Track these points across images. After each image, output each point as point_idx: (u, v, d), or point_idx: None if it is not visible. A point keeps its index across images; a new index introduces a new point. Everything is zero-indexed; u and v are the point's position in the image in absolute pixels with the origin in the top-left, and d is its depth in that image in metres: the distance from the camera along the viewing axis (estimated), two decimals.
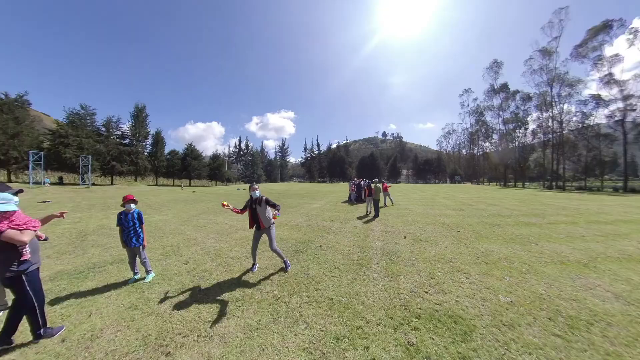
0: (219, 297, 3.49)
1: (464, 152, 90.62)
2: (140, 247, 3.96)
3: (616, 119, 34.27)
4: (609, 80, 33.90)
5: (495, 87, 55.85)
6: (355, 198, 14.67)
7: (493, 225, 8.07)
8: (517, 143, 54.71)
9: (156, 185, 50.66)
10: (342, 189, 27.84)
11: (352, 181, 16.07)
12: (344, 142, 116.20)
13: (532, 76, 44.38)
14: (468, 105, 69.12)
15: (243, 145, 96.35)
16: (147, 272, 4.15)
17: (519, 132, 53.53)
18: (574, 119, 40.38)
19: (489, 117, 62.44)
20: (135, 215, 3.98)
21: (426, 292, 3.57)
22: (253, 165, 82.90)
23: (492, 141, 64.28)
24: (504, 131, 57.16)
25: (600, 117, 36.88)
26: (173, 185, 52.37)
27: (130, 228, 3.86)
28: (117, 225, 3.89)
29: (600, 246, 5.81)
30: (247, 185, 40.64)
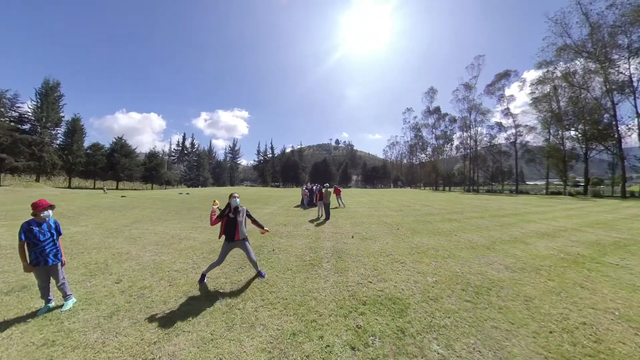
0: (164, 315, 3.17)
1: (405, 161, 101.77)
2: (59, 263, 3.34)
3: (511, 140, 46.82)
4: (506, 112, 46.46)
5: (431, 109, 67.62)
6: (308, 202, 15.03)
7: (425, 222, 9.40)
8: (445, 155, 65.78)
9: (69, 187, 41.24)
10: (295, 194, 28.01)
11: (305, 186, 16.39)
12: (299, 147, 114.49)
13: (457, 103, 56.47)
14: (409, 121, 79.37)
15: (188, 143, 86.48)
16: (66, 297, 3.41)
17: (447, 147, 66.60)
18: (485, 139, 53.41)
19: (424, 133, 73.87)
20: (52, 224, 3.35)
21: (370, 282, 4.02)
22: (199, 167, 74.37)
23: (427, 153, 74.84)
24: (436, 145, 69.15)
25: (501, 138, 50.12)
26: (94, 188, 43.10)
27: (47, 241, 3.21)
28: (21, 240, 3.08)
29: (498, 233, 7.43)
30: (190, 190, 37.89)
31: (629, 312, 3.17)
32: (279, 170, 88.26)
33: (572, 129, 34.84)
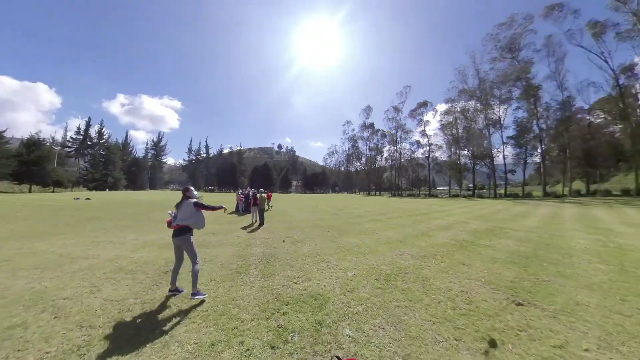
0: (46, 353, 2.47)
1: (342, 168, 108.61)
2: None
3: (425, 155, 58.57)
4: (423, 133, 57.98)
5: (366, 124, 75.71)
6: (243, 208, 14.33)
7: (354, 224, 10.22)
8: (376, 165, 75.08)
9: None
10: (231, 199, 26.29)
11: (240, 190, 15.56)
12: (238, 148, 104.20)
13: (387, 122, 66.30)
14: (348, 133, 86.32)
15: (94, 132, 64.31)
16: None
17: (378, 158, 75.11)
18: (407, 153, 64.81)
19: (360, 144, 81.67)
20: None
21: (295, 283, 4.11)
22: (107, 164, 56.28)
23: (362, 162, 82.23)
24: (369, 156, 77.14)
25: (419, 153, 61.82)
26: None
27: None
28: None
29: (410, 229, 8.71)
30: (93, 194, 28.67)
31: (490, 278, 4.19)
32: (214, 172, 79.72)
33: (465, 149, 48.04)
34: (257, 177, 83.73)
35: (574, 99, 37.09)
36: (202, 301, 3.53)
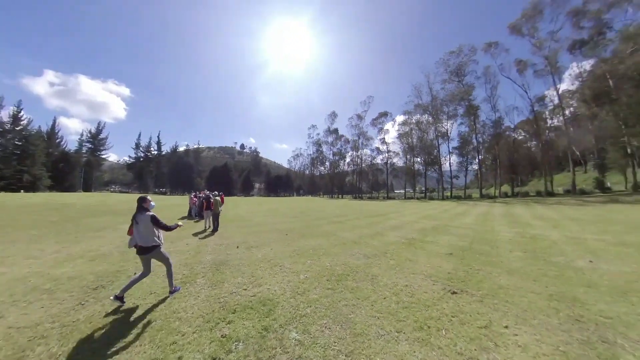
0: None
1: (307, 172, 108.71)
2: None
3: (384, 161, 63.08)
4: (383, 141, 62.46)
5: (331, 129, 77.47)
6: (197, 213, 13.27)
7: (313, 227, 10.26)
8: (340, 169, 77.36)
9: None
10: (184, 203, 24.16)
11: (194, 193, 14.42)
12: (196, 146, 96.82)
13: (351, 129, 69.22)
14: (313, 137, 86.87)
15: (5, 115, 46.95)
16: None
17: (341, 162, 77.22)
18: (368, 158, 68.63)
19: (324, 149, 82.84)
20: None
21: (245, 289, 3.91)
22: (24, 157, 42.64)
23: (326, 166, 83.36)
24: (333, 160, 79.07)
25: (379, 159, 65.99)
26: None
27: None
28: None
29: (366, 230, 9.08)
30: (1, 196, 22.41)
31: (431, 271, 4.55)
32: (166, 172, 70.52)
33: (419, 157, 53.53)
34: (216, 178, 77.77)
35: (503, 119, 45.98)
36: (139, 318, 3.17)
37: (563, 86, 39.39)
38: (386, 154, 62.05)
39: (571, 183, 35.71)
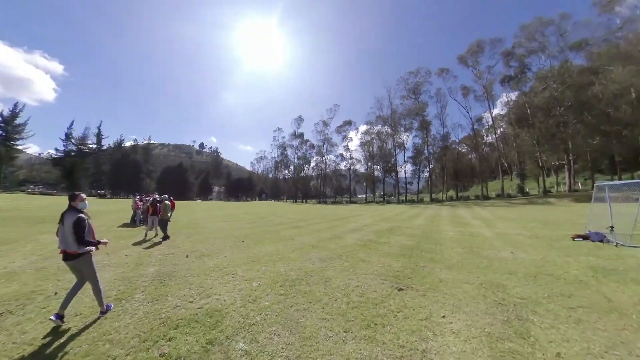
0: None
1: (270, 175, 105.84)
2: None
3: (347, 167, 66.13)
4: (346, 148, 65.66)
5: (296, 133, 77.24)
6: (142, 219, 11.88)
7: (272, 232, 10.03)
8: (304, 173, 77.62)
9: None
10: (127, 207, 21.32)
11: (139, 197, 12.91)
12: (146, 141, 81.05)
13: (316, 134, 70.56)
14: (278, 140, 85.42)
15: None
16: None
17: (306, 167, 77.25)
18: (332, 164, 70.74)
19: (289, 153, 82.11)
20: None
21: (191, 302, 3.62)
22: None
23: (290, 170, 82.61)
24: (297, 164, 78.55)
25: (342, 165, 68.66)
26: None
27: None
28: None
29: (325, 233, 9.23)
30: None
31: (382, 270, 4.81)
32: (107, 171, 58.62)
33: (378, 164, 57.53)
34: (169, 180, 69.87)
35: (450, 134, 54.06)
36: (60, 347, 2.69)
37: (496, 110, 49.68)
38: (349, 161, 65.14)
39: (501, 188, 42.24)
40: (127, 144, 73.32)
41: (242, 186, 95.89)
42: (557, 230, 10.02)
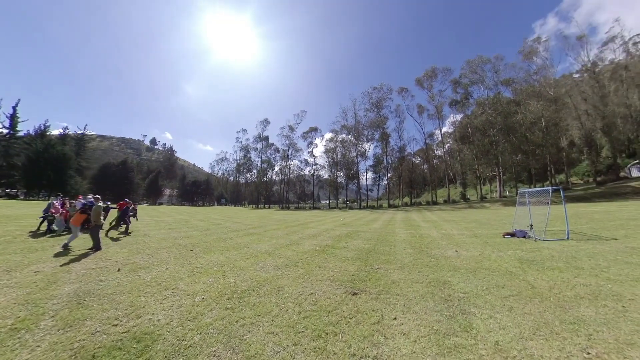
0: None
1: (231, 178, 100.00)
2: None
3: (311, 173, 67.06)
4: (311, 154, 66.89)
5: (261, 136, 75.59)
6: (65, 227, 9.97)
7: (226, 239, 9.37)
8: (267, 178, 75.37)
9: None
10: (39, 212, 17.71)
11: (60, 199, 10.83)
12: (81, 131, 66.29)
13: (282, 138, 70.31)
14: (241, 141, 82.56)
15: None
16: None
17: (269, 171, 75.74)
18: (297, 169, 70.83)
19: (252, 155, 79.76)
20: None
21: (115, 325, 3.06)
22: None
23: (252, 174, 79.43)
24: (261, 168, 76.10)
25: (306, 171, 69.29)
26: None
27: None
28: None
29: (283, 240, 8.95)
30: None
31: (337, 275, 4.77)
32: (21, 165, 44.52)
33: (341, 171, 60.48)
34: (108, 179, 59.58)
35: (406, 146, 59.67)
36: None
37: (445, 128, 57.78)
38: (313, 167, 66.26)
39: (447, 195, 47.25)
40: (55, 132, 58.11)
41: (198, 189, 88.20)
42: (490, 229, 11.41)
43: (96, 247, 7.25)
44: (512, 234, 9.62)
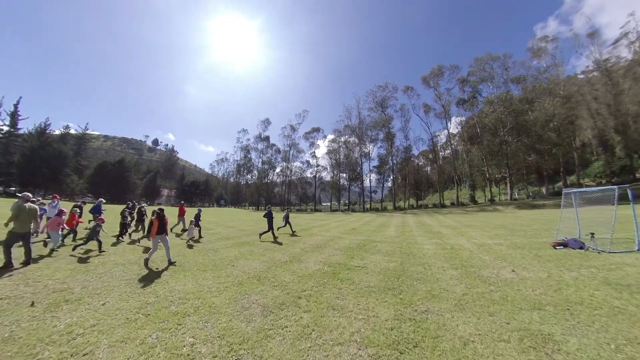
0: None
1: (231, 179, 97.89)
2: None
3: (313, 175, 64.76)
4: (313, 155, 64.07)
5: (262, 136, 73.34)
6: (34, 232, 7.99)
7: (209, 251, 7.38)
8: (268, 179, 72.46)
9: None
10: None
11: (55, 202, 8.59)
12: (82, 131, 65.39)
13: (284, 138, 67.75)
14: (242, 142, 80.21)
15: None
16: None
17: (271, 173, 72.78)
18: (298, 171, 68.25)
19: (253, 156, 77.51)
20: None
21: None
22: None
23: (253, 175, 77.39)
24: (261, 169, 73.93)
25: (308, 172, 66.78)
26: None
27: None
28: None
29: (280, 253, 7.01)
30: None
31: (367, 330, 2.87)
32: (15, 162, 41.77)
33: (344, 172, 57.35)
34: (105, 179, 56.24)
35: (412, 147, 56.32)
36: None
37: (452, 128, 54.46)
38: (315, 168, 63.65)
39: (455, 197, 45.08)
40: (56, 132, 56.64)
41: (197, 190, 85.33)
42: (527, 237, 9.57)
43: (25, 261, 5.42)
44: (564, 245, 7.87)
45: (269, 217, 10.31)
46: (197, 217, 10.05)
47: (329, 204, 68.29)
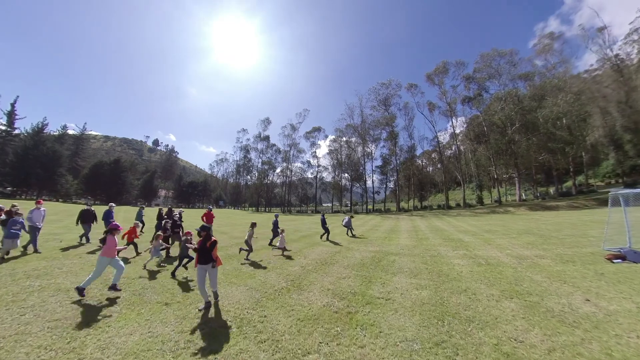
0: None
1: (231, 180, 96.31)
2: None
3: (314, 175, 62.99)
4: (314, 155, 62.77)
5: (262, 136, 71.65)
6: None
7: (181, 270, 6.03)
8: (268, 180, 71.55)
9: None
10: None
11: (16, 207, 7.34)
12: (81, 131, 65.29)
13: (284, 138, 66.10)
14: (242, 142, 78.33)
15: None
16: None
17: (271, 173, 71.58)
18: (299, 171, 66.70)
19: (253, 156, 75.89)
20: None
21: None
22: None
23: (253, 175, 75.99)
24: (261, 169, 72.25)
25: (309, 173, 65.70)
26: None
27: None
28: None
29: (274, 273, 5.55)
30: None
31: None
32: (10, 162, 40.53)
33: (346, 173, 55.71)
34: (100, 178, 54.40)
35: (416, 146, 54.84)
36: None
37: (457, 126, 51.75)
38: (316, 168, 62.11)
39: (462, 198, 43.49)
40: (54, 132, 56.16)
41: (195, 190, 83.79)
42: (567, 246, 8.19)
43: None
44: (622, 257, 6.51)
45: (323, 222, 11.84)
46: (174, 220, 8.43)
47: (329, 204, 66.80)
